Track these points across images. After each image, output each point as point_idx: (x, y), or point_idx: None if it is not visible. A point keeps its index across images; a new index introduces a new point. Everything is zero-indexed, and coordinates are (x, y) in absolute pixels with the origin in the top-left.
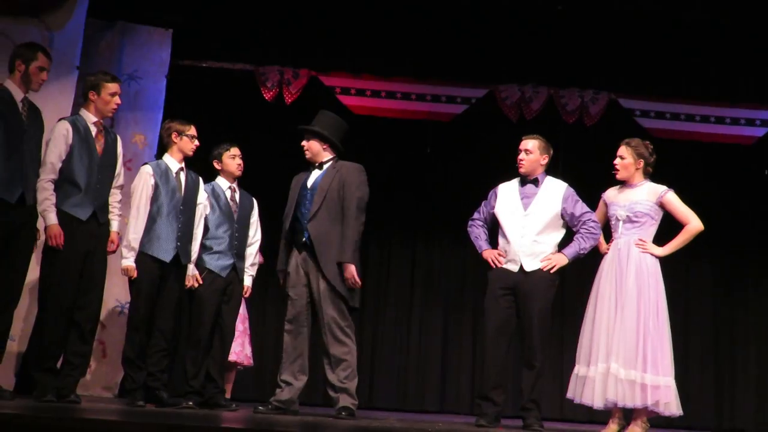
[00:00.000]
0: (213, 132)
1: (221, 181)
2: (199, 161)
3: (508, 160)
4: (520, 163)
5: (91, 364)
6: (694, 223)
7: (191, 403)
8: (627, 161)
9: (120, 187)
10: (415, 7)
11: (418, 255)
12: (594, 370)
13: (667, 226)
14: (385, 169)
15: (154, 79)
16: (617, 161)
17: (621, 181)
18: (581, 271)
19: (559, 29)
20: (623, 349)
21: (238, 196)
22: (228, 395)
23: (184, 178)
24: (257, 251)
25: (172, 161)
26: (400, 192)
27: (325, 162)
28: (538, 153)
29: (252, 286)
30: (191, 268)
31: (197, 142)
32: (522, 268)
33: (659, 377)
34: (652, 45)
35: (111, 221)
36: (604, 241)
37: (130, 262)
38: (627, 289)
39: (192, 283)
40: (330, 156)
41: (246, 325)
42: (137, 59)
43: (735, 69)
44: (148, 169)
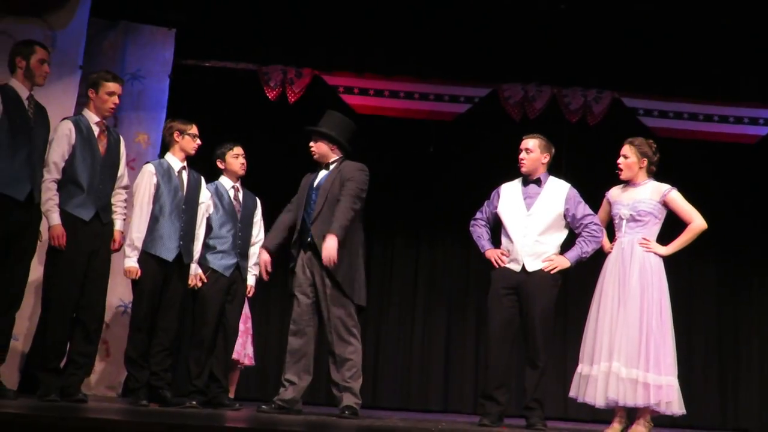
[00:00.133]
0: (216, 131)
1: (224, 181)
2: (203, 161)
3: (511, 160)
4: (521, 162)
5: (95, 363)
6: (697, 222)
7: (194, 402)
8: (630, 160)
9: (125, 187)
10: (418, 7)
11: (422, 254)
12: (596, 369)
13: (671, 226)
14: (387, 169)
15: (157, 79)
16: (621, 160)
17: (625, 180)
18: (584, 271)
19: (563, 28)
20: (625, 347)
21: (241, 196)
22: (231, 395)
23: (186, 177)
24: (260, 250)
25: (174, 160)
26: (403, 191)
27: (332, 162)
28: (539, 152)
29: (255, 285)
30: (194, 268)
31: (199, 141)
32: (524, 268)
33: (662, 377)
34: (656, 44)
35: (115, 221)
36: (608, 241)
37: (133, 262)
38: (630, 287)
39: (195, 282)
40: (337, 156)
41: (248, 324)
42: (140, 59)
43: (738, 68)
44: (150, 168)
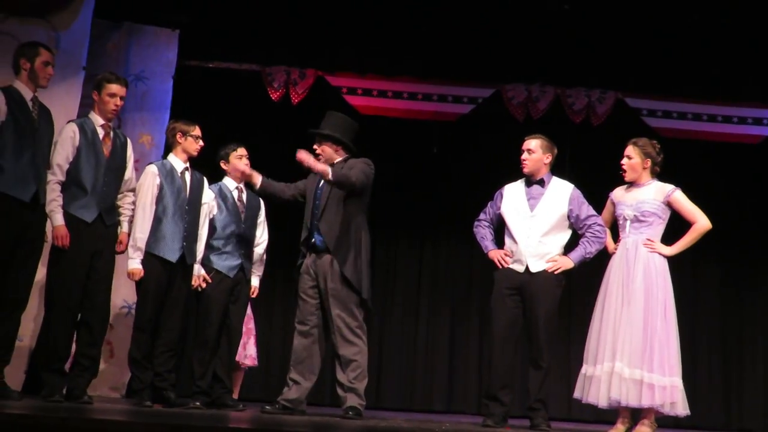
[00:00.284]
0: (220, 132)
1: (228, 182)
2: (206, 162)
3: (514, 160)
4: (524, 163)
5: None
6: (701, 222)
7: (198, 403)
8: (634, 161)
9: (132, 189)
10: (421, 7)
11: (425, 255)
12: (600, 369)
13: (675, 226)
14: (391, 170)
15: (160, 80)
16: (624, 161)
17: (629, 181)
18: (588, 271)
19: (566, 29)
20: (629, 348)
21: (245, 197)
22: (235, 395)
23: (189, 178)
24: (264, 251)
25: (177, 161)
26: (406, 192)
27: (337, 163)
28: (541, 152)
29: (259, 286)
30: (197, 268)
31: (201, 143)
32: (528, 269)
33: (666, 377)
34: (659, 44)
35: (122, 222)
36: (612, 241)
37: (137, 264)
38: (635, 288)
39: (199, 283)
40: (342, 157)
41: (250, 325)
42: (144, 60)
43: (742, 68)
44: (153, 169)
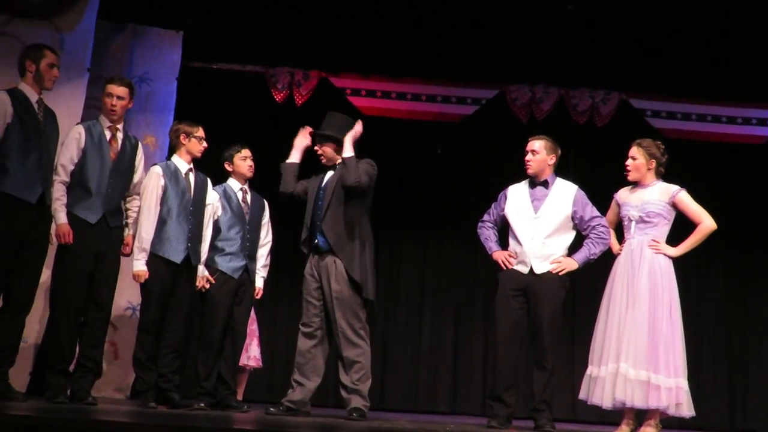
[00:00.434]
0: (224, 134)
1: (233, 183)
2: (211, 163)
3: (518, 161)
4: (528, 164)
5: (103, 365)
6: (707, 223)
7: (203, 404)
8: (639, 162)
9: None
10: (425, 8)
11: (429, 256)
12: (605, 371)
13: (679, 226)
14: (395, 170)
15: (164, 81)
16: (629, 162)
17: (632, 181)
18: (593, 272)
19: (570, 29)
20: (634, 349)
21: (249, 198)
22: (240, 397)
23: (193, 179)
24: (268, 253)
25: (181, 162)
26: (410, 193)
27: (339, 163)
28: (545, 153)
29: (263, 287)
30: (201, 269)
31: (205, 144)
32: (532, 270)
33: (671, 378)
34: (663, 45)
35: (128, 224)
36: (616, 242)
37: (142, 265)
38: (640, 289)
39: (203, 284)
40: (350, 152)
41: (253, 327)
42: (148, 61)
43: (746, 68)
44: (157, 170)
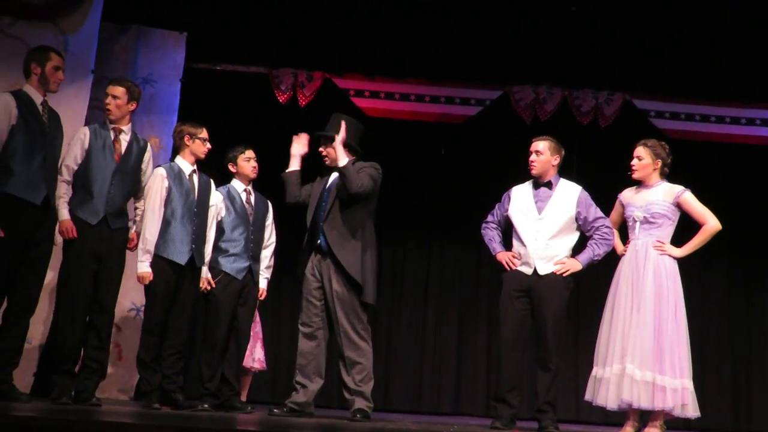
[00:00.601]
0: (227, 135)
1: (236, 184)
2: (214, 164)
3: (522, 162)
4: (532, 164)
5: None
6: (711, 223)
7: (206, 405)
8: (645, 162)
9: None
10: (429, 9)
11: (433, 257)
12: (609, 371)
13: (686, 226)
14: (399, 172)
15: (168, 83)
16: (634, 162)
17: (637, 181)
18: (596, 273)
19: (573, 30)
20: (639, 350)
21: (253, 199)
22: (243, 398)
23: (197, 181)
24: (272, 254)
25: (185, 164)
26: (414, 194)
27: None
28: (549, 154)
29: (267, 288)
30: (204, 271)
31: (209, 145)
32: (536, 271)
33: (677, 379)
34: (667, 45)
35: (135, 221)
36: (620, 243)
37: (146, 267)
38: (645, 290)
39: (205, 286)
40: (348, 159)
41: (257, 329)
42: (152, 63)
43: (750, 69)
44: (161, 172)
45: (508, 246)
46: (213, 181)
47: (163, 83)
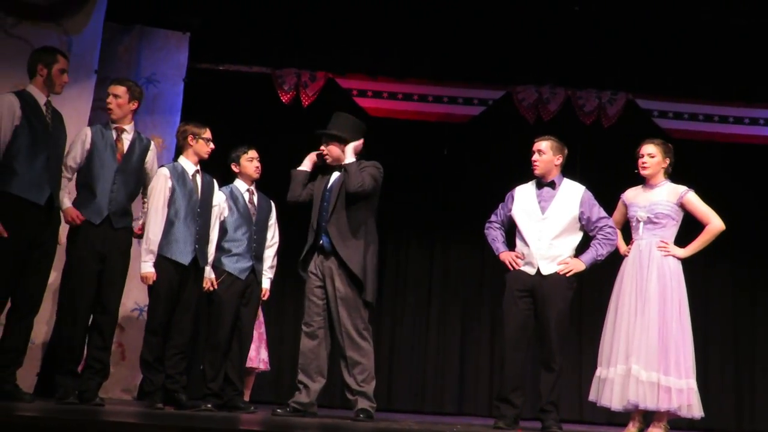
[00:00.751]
0: (230, 135)
1: (239, 184)
2: (217, 164)
3: (525, 162)
4: (534, 164)
5: (110, 366)
6: (715, 223)
7: (210, 405)
8: (657, 159)
9: None
10: (432, 9)
11: (436, 257)
12: (613, 372)
13: (690, 226)
14: (402, 172)
15: (171, 83)
16: (646, 159)
17: (641, 181)
18: (600, 273)
19: (577, 30)
20: (645, 350)
21: (256, 199)
22: (246, 398)
23: (201, 181)
24: (275, 254)
25: (188, 164)
26: (417, 194)
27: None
28: (551, 153)
29: (270, 288)
30: (208, 271)
31: (212, 145)
32: (539, 271)
33: (683, 380)
34: (670, 45)
35: (141, 216)
36: (623, 243)
37: (149, 267)
38: (649, 291)
39: (208, 286)
40: (351, 159)
41: (261, 330)
42: (155, 63)
43: (753, 68)
44: (165, 172)
45: (511, 246)
46: (216, 181)
47: (167, 83)
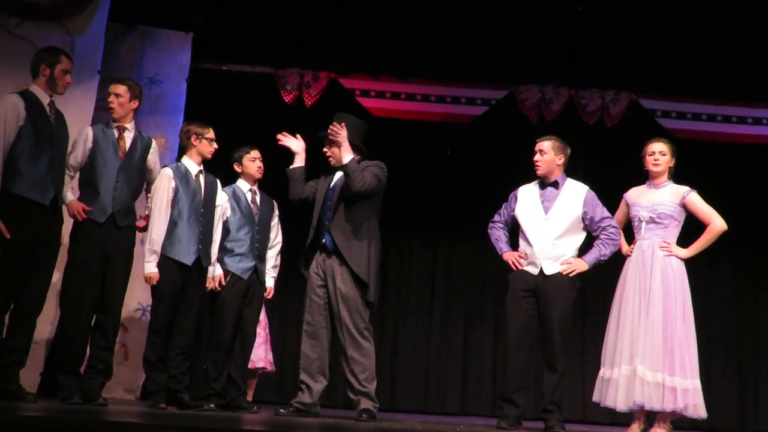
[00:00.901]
0: (233, 135)
1: (242, 184)
2: (220, 164)
3: (528, 162)
4: (536, 164)
5: (113, 366)
6: (717, 223)
7: (213, 405)
8: (667, 157)
9: None
10: (435, 9)
11: (439, 257)
12: (617, 372)
13: (693, 226)
14: (404, 172)
15: (174, 83)
16: (658, 156)
17: (644, 181)
18: (602, 273)
19: (580, 30)
20: (649, 351)
21: (258, 199)
22: (249, 398)
23: (204, 181)
24: (278, 253)
25: (191, 164)
26: (420, 194)
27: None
28: (553, 153)
29: (273, 287)
30: (212, 270)
31: (216, 145)
32: (542, 271)
33: (687, 380)
34: (673, 45)
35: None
36: (626, 243)
37: (153, 268)
38: (653, 291)
39: (213, 285)
40: (354, 157)
41: (267, 331)
42: (158, 63)
43: (756, 68)
44: (168, 172)
45: (514, 246)
46: (219, 181)
47: (169, 83)
